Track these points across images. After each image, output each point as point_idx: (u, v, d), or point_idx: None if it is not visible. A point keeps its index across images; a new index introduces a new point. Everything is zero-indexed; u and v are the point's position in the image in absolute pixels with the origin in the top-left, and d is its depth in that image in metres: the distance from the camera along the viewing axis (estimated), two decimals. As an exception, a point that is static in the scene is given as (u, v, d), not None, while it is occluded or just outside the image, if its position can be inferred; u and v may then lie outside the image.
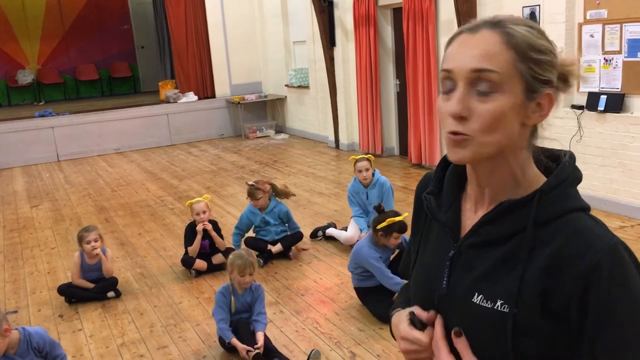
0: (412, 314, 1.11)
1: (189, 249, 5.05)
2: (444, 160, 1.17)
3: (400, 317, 1.14)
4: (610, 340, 0.93)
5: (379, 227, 4.08)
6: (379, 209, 4.23)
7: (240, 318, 3.73)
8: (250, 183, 5.36)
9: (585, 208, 1.02)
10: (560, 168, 1.03)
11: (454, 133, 0.99)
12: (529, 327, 0.97)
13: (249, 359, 3.53)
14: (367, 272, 4.16)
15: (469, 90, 0.98)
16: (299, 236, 5.42)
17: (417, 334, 1.08)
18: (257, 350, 3.52)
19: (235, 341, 3.58)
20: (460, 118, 0.98)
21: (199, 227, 5.03)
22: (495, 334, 0.99)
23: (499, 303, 0.99)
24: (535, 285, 0.97)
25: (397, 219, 4.09)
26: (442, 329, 1.07)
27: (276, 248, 5.25)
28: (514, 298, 0.98)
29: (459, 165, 1.12)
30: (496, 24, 1.00)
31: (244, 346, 3.53)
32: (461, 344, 1.03)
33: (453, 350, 1.05)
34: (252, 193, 5.26)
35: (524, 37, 0.98)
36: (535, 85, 0.99)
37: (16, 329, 3.19)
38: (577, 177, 1.05)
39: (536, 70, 0.99)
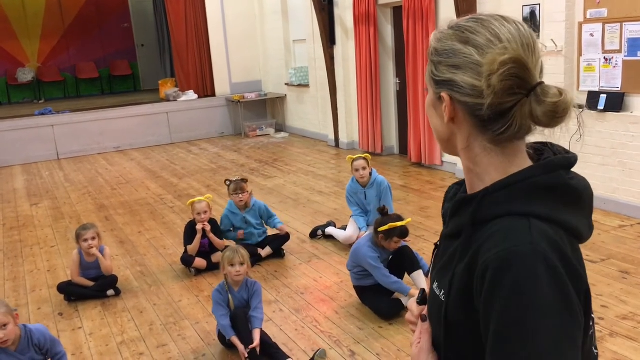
0: (422, 290, 1.24)
1: (189, 247, 5.05)
2: None
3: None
4: (493, 340, 0.93)
5: (380, 229, 4.08)
6: (382, 210, 4.22)
7: (239, 311, 3.71)
8: (233, 179, 5.33)
9: (532, 214, 0.96)
10: (525, 169, 1.01)
11: None
12: (456, 318, 1.04)
13: (245, 357, 3.53)
14: (365, 271, 4.16)
15: None
16: (286, 237, 5.39)
17: (413, 307, 1.23)
18: (252, 347, 3.53)
19: (235, 340, 3.58)
20: None
21: (199, 227, 5.04)
22: (438, 319, 1.08)
23: (442, 292, 1.08)
24: (459, 282, 1.02)
25: (399, 224, 4.07)
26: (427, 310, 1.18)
27: (265, 251, 5.24)
28: (447, 291, 1.05)
29: None
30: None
31: (243, 348, 3.53)
32: (423, 327, 1.15)
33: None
34: (241, 187, 5.21)
35: (431, 42, 1.08)
36: (434, 86, 1.07)
37: (17, 326, 3.20)
38: (545, 182, 0.99)
39: (433, 71, 1.07)
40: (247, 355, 3.52)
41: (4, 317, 3.05)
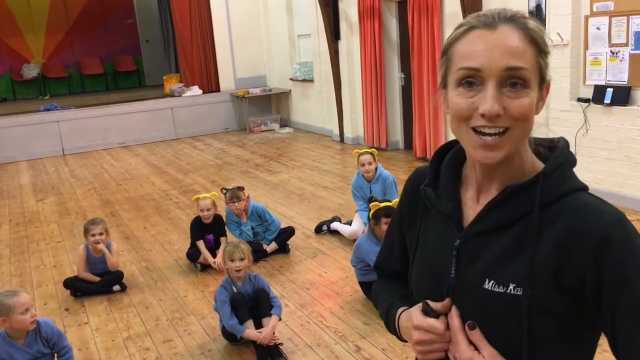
0: (425, 303, 1.10)
1: (198, 243, 5.07)
2: (439, 153, 1.21)
3: (411, 312, 1.14)
4: (629, 305, 0.95)
5: (369, 216, 4.12)
6: (371, 200, 4.25)
7: (237, 295, 3.71)
8: (229, 187, 5.27)
9: (585, 188, 1.06)
10: (559, 152, 1.08)
11: (487, 134, 1.00)
12: (542, 307, 0.99)
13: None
14: (369, 267, 4.15)
15: (500, 87, 0.99)
16: (290, 231, 5.40)
17: (432, 322, 1.08)
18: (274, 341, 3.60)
19: (248, 333, 3.59)
20: (497, 116, 0.99)
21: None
22: (510, 318, 1.01)
23: (511, 287, 1.01)
24: (545, 265, 0.99)
25: (382, 204, 4.12)
26: (459, 320, 1.06)
27: (271, 247, 5.24)
28: (527, 280, 0.99)
29: (455, 158, 1.17)
30: (511, 19, 1.01)
31: (257, 335, 3.56)
32: (476, 336, 1.04)
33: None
34: (237, 195, 5.16)
35: (540, 32, 1.02)
36: (545, 77, 1.04)
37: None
38: (573, 160, 1.09)
39: (547, 62, 1.04)
40: (261, 344, 3.55)
41: (30, 300, 3.17)
